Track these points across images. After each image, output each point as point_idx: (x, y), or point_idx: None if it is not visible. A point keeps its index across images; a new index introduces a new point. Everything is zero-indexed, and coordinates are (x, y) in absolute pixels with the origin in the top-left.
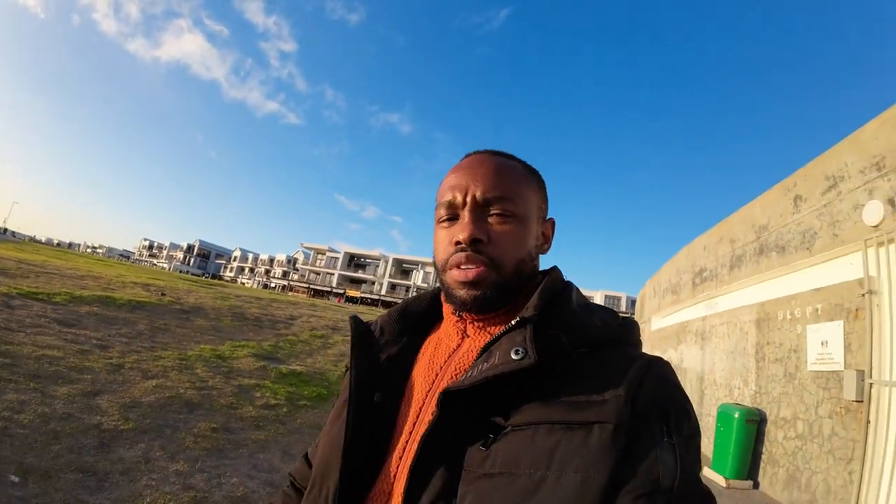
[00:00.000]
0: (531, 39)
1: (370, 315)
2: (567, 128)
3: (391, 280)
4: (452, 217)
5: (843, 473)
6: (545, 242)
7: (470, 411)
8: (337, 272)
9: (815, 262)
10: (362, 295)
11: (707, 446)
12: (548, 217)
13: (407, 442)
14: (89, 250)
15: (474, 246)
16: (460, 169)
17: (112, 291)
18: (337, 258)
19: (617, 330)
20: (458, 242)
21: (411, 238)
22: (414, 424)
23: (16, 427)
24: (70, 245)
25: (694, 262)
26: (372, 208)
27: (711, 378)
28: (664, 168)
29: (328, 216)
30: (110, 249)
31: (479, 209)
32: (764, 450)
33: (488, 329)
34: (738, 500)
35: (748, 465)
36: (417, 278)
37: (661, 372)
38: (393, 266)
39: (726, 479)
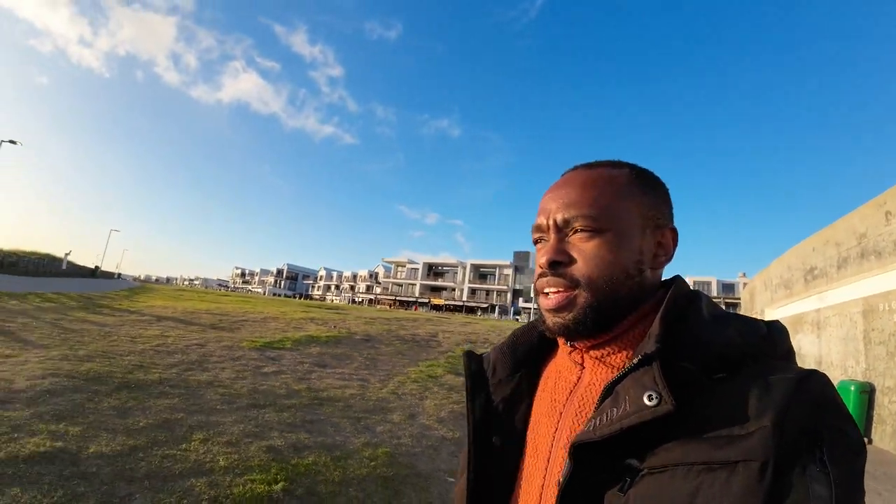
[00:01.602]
0: (572, 22)
1: (450, 323)
2: (621, 103)
3: (471, 285)
4: (540, 241)
5: None
6: (662, 254)
7: (604, 457)
8: (418, 282)
9: None
10: (445, 302)
11: None
12: (669, 224)
13: (542, 490)
14: (186, 283)
15: (554, 269)
16: (549, 191)
17: (303, 330)
18: (417, 268)
19: (760, 343)
20: (540, 267)
21: (474, 240)
22: (544, 471)
23: (407, 442)
24: (168, 280)
25: (804, 261)
26: (433, 214)
27: (828, 360)
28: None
29: (393, 226)
30: (206, 280)
31: (562, 230)
32: (874, 413)
33: (606, 360)
34: None
35: (863, 427)
36: (495, 282)
37: (812, 390)
38: (471, 272)
39: None
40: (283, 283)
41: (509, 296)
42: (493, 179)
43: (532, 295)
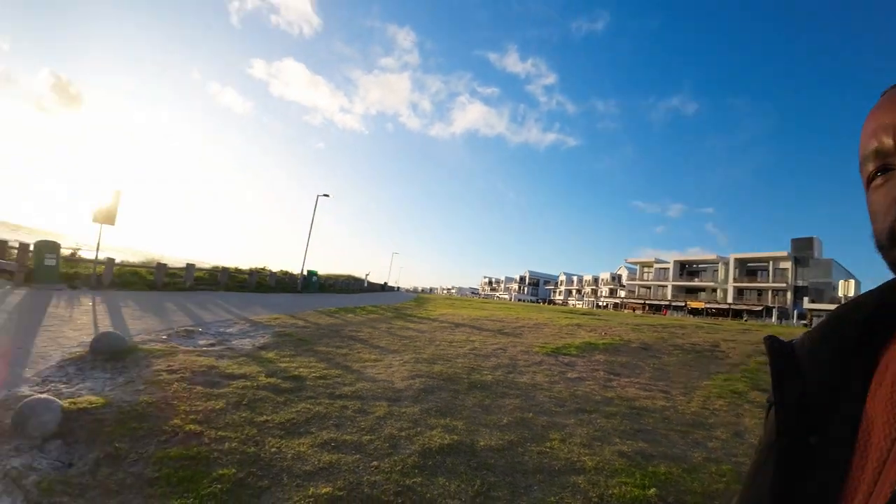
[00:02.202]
0: None
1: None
2: None
3: (736, 284)
4: (886, 169)
5: None
6: None
7: None
8: (670, 283)
9: None
10: (706, 305)
11: None
12: None
13: (867, 501)
14: (444, 291)
15: None
16: (884, 106)
17: (577, 337)
18: (666, 268)
19: None
20: None
21: (729, 229)
22: (874, 479)
23: (746, 462)
24: (431, 290)
25: None
26: (676, 205)
27: None
28: None
29: (630, 224)
30: (460, 289)
31: None
32: None
33: None
34: None
35: None
36: (768, 279)
37: None
38: (735, 268)
39: None
40: (525, 288)
41: (789, 295)
42: (748, 153)
43: (882, 245)
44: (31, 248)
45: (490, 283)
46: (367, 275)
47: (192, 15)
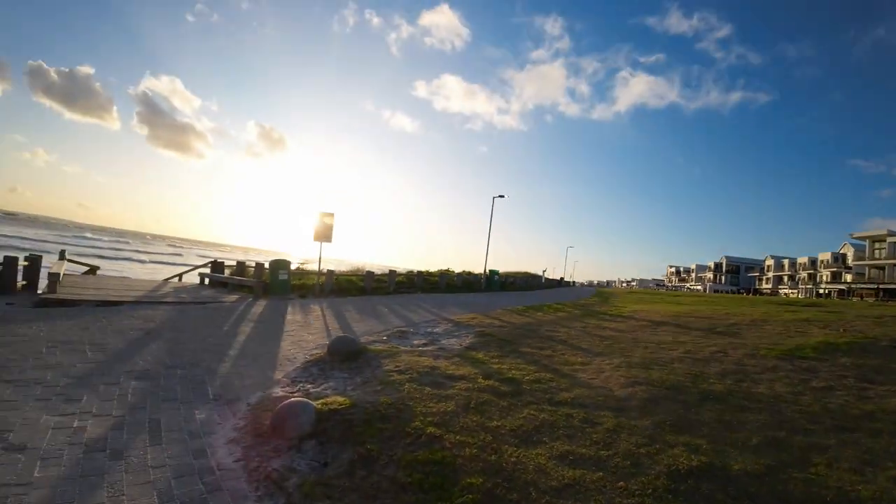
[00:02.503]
0: None
1: None
2: None
3: None
4: None
5: None
6: None
7: None
8: None
9: None
10: None
11: None
12: None
13: None
14: (623, 284)
15: None
16: None
17: (808, 335)
18: None
19: None
20: None
21: None
22: None
23: None
24: (608, 283)
25: None
26: None
27: None
28: None
29: (846, 191)
30: (641, 280)
31: None
32: None
33: None
34: None
35: None
36: None
37: None
38: None
39: None
40: (723, 277)
41: None
42: None
43: None
44: (266, 266)
45: (677, 272)
46: (544, 271)
47: (359, 53)
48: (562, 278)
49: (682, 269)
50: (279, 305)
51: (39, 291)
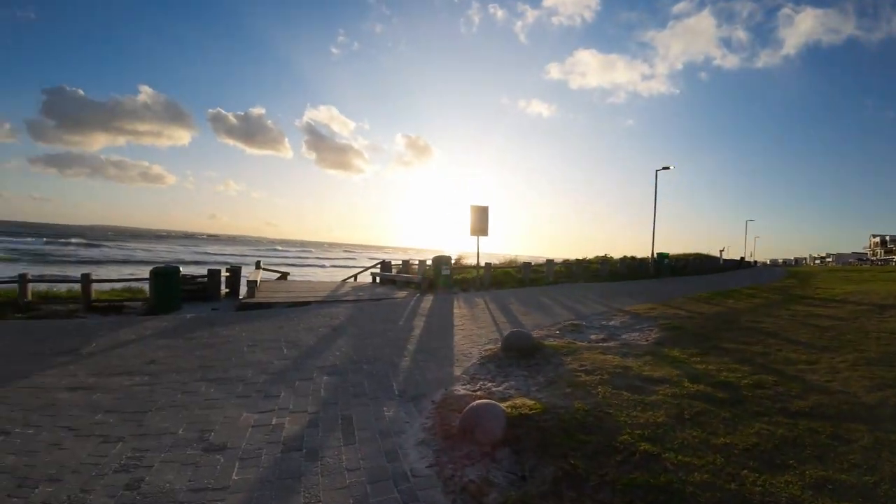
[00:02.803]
0: None
1: None
2: None
3: None
4: None
5: None
6: None
7: None
8: None
9: None
10: None
11: None
12: None
13: None
14: (817, 262)
15: None
16: None
17: None
18: None
19: None
20: None
21: None
22: None
23: None
24: (796, 261)
25: None
26: None
27: None
28: None
29: None
30: (839, 255)
31: None
32: None
33: None
34: None
35: None
36: None
37: None
38: None
39: None
40: None
41: None
42: None
43: None
44: (429, 263)
45: (883, 242)
46: (721, 251)
47: (487, 49)
48: (742, 258)
49: (889, 237)
50: (445, 300)
51: (240, 297)
